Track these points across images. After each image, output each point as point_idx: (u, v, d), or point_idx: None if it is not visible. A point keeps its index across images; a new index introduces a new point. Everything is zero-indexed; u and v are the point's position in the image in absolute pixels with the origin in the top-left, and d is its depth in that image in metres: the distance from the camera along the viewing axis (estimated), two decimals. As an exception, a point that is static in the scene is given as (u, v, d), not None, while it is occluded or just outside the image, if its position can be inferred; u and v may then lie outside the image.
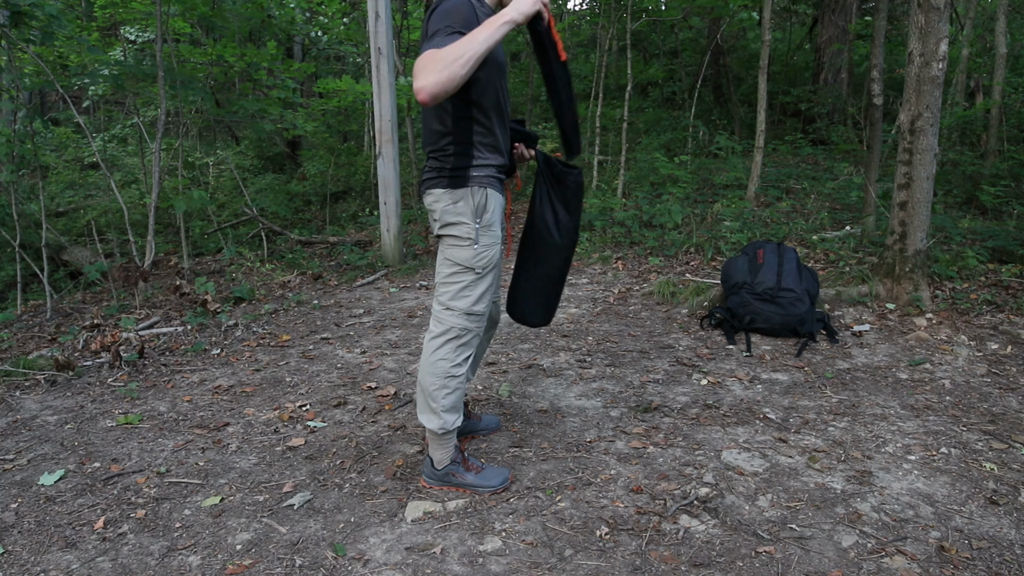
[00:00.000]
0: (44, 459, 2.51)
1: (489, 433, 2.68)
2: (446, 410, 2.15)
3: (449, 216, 2.06)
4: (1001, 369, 3.14)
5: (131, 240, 5.22)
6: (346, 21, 10.32)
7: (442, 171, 2.05)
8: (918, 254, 3.86)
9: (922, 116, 3.70)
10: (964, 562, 1.83)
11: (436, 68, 1.73)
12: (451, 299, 2.11)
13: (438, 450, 2.24)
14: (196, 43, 7.71)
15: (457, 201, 2.04)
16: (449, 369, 2.13)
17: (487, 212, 2.07)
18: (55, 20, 4.21)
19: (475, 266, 2.08)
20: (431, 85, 1.73)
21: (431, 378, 2.14)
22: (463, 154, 2.04)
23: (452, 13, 1.85)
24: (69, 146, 10.20)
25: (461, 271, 2.09)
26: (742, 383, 3.06)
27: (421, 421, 2.19)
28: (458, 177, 2.04)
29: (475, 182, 2.05)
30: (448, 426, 2.17)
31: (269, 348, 3.72)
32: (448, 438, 2.22)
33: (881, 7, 5.39)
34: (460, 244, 2.07)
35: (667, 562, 1.86)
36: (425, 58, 1.76)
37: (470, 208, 2.04)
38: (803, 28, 12.63)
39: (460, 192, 2.04)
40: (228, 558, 1.92)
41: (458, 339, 2.13)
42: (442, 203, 2.06)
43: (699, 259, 5.14)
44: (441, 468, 2.25)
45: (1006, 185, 5.79)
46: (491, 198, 2.08)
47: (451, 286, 2.11)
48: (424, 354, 2.16)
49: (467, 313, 2.11)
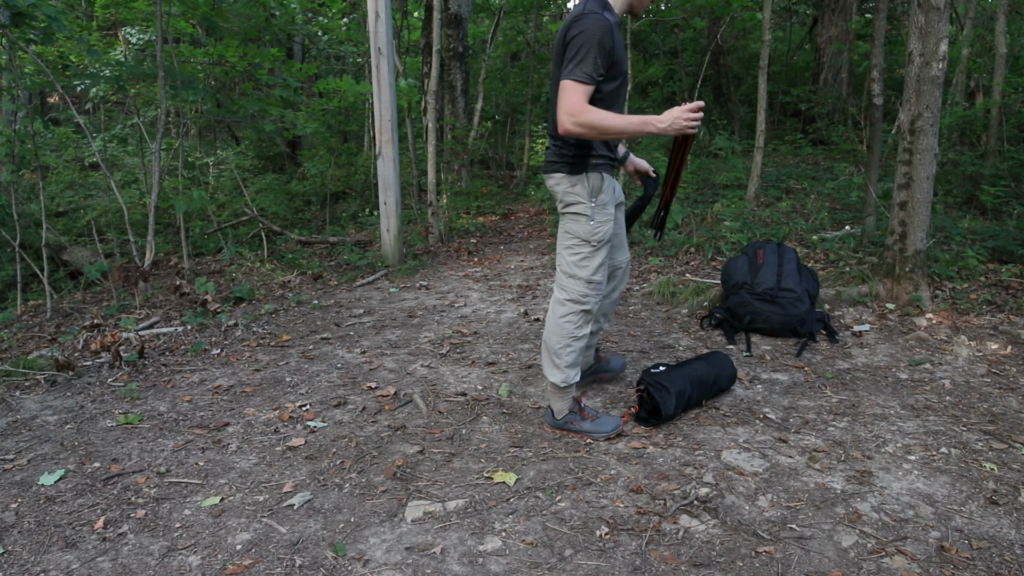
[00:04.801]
0: (44, 459, 2.51)
1: (614, 376, 3.06)
2: (568, 366, 2.48)
3: (568, 197, 2.38)
4: (1001, 369, 3.14)
5: (131, 240, 5.21)
6: (346, 21, 10.33)
7: (563, 157, 2.37)
8: (918, 254, 3.86)
9: (922, 116, 3.70)
10: (964, 562, 1.83)
11: (589, 121, 2.13)
12: (573, 268, 2.43)
13: (558, 401, 2.57)
14: (197, 43, 7.71)
15: (575, 184, 2.36)
16: (573, 331, 2.46)
17: (602, 193, 2.38)
18: (55, 21, 4.21)
19: (591, 239, 2.39)
20: (575, 129, 2.15)
21: (556, 338, 2.47)
22: (583, 145, 2.34)
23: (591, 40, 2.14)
24: (69, 146, 10.20)
25: (580, 243, 2.40)
26: (742, 383, 3.06)
27: (545, 375, 2.53)
28: (577, 164, 2.35)
29: (591, 168, 2.36)
30: (569, 380, 2.50)
31: (269, 348, 3.72)
32: (568, 391, 2.54)
33: (881, 7, 5.39)
34: (578, 220, 2.39)
35: (667, 562, 1.86)
36: (574, 95, 2.14)
37: (586, 190, 2.36)
38: (803, 28, 12.63)
39: (578, 176, 2.36)
40: (228, 558, 1.92)
41: (580, 304, 2.44)
42: (562, 185, 2.39)
43: (699, 259, 5.14)
44: (560, 417, 2.58)
45: (1006, 185, 5.79)
46: (605, 180, 2.39)
47: (572, 256, 2.43)
48: (550, 316, 2.50)
49: (587, 281, 2.42)
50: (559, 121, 2.18)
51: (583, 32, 2.14)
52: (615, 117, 2.16)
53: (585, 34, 2.14)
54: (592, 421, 2.58)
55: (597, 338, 2.89)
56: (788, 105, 10.11)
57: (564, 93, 2.15)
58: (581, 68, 2.14)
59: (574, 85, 2.14)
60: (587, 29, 2.14)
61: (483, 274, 5.25)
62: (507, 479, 2.29)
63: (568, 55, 2.17)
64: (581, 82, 2.14)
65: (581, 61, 2.14)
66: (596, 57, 2.14)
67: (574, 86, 2.14)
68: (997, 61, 6.25)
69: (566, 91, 2.15)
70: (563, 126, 2.16)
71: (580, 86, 2.14)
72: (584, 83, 2.14)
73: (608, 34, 2.16)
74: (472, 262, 5.68)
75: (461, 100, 8.67)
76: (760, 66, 6.28)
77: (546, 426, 2.65)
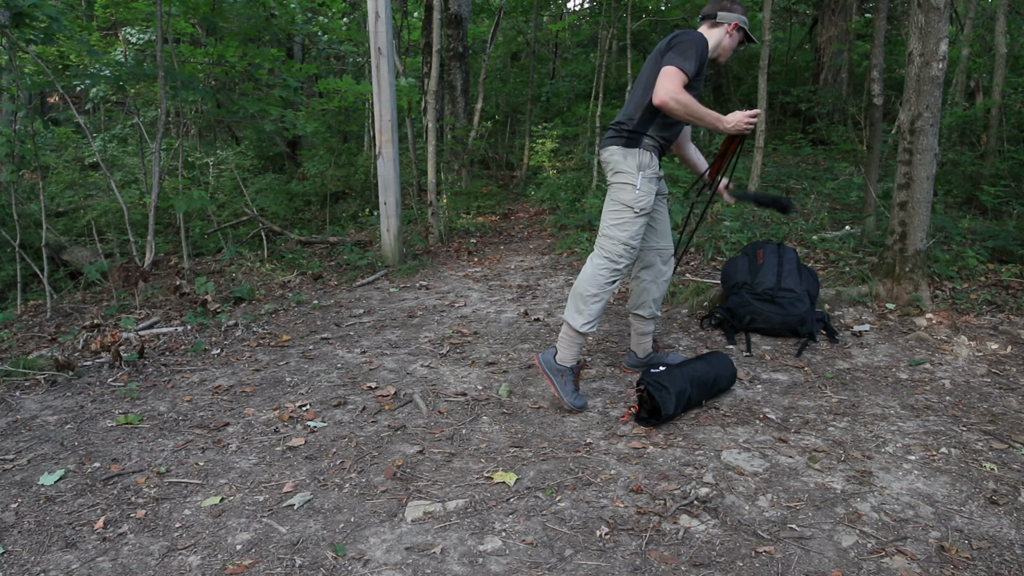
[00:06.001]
0: (44, 459, 2.51)
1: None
2: (591, 315, 2.73)
3: (620, 166, 2.72)
4: (1001, 369, 3.14)
5: (131, 240, 5.21)
6: (346, 21, 10.33)
7: (621, 134, 2.74)
8: (918, 254, 3.86)
9: (922, 116, 3.70)
10: (964, 562, 1.83)
11: (683, 100, 2.52)
12: (613, 229, 2.73)
13: (567, 348, 2.79)
14: (197, 43, 7.70)
15: (627, 156, 2.72)
16: (604, 283, 2.73)
17: (649, 168, 2.71)
18: (55, 21, 4.21)
19: (635, 206, 2.70)
20: (671, 103, 2.53)
21: (587, 286, 2.73)
22: (642, 126, 2.72)
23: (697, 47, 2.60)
24: (69, 146, 10.20)
25: (623, 208, 2.71)
26: (742, 383, 3.06)
27: (567, 319, 2.77)
28: (632, 140, 2.72)
29: (644, 146, 2.72)
30: (586, 328, 2.74)
31: (269, 348, 3.72)
32: (580, 340, 2.78)
33: (881, 7, 5.39)
34: (624, 188, 2.71)
35: (667, 562, 1.86)
36: (676, 79, 2.53)
37: (636, 162, 2.71)
38: (803, 28, 12.63)
39: (631, 150, 2.72)
40: (228, 558, 1.92)
41: (615, 262, 2.73)
42: (616, 156, 2.74)
43: (699, 259, 5.14)
44: (560, 363, 2.79)
45: (1006, 185, 5.78)
46: (653, 159, 2.73)
47: (614, 219, 2.73)
48: (586, 267, 2.77)
49: (623, 243, 2.72)
50: (658, 92, 2.53)
51: (692, 39, 2.60)
52: (701, 106, 2.58)
53: (693, 41, 2.59)
54: (572, 391, 2.81)
55: (652, 328, 3.13)
56: (788, 105, 10.11)
57: (667, 75, 2.53)
58: (685, 61, 2.55)
59: (677, 71, 2.53)
60: (696, 38, 2.61)
61: (483, 274, 5.25)
62: (507, 479, 2.29)
63: (675, 51, 2.58)
64: (683, 71, 2.54)
65: (687, 57, 2.55)
66: (696, 60, 2.57)
67: (677, 72, 2.53)
68: (997, 61, 6.25)
69: (669, 74, 2.53)
70: (660, 97, 2.52)
71: (681, 74, 2.54)
72: (685, 72, 2.54)
73: (706, 50, 2.64)
74: (472, 262, 5.68)
75: (461, 100, 8.67)
76: (760, 66, 6.28)
77: (536, 357, 2.86)
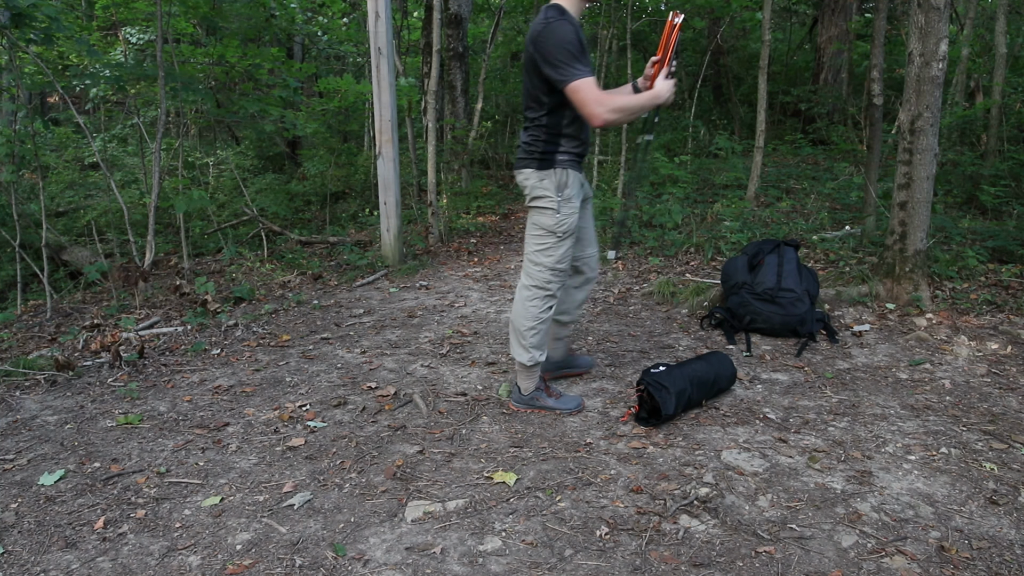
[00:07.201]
0: (44, 459, 2.51)
1: (582, 372, 3.14)
2: (534, 347, 2.67)
3: (536, 191, 2.55)
4: (1001, 369, 3.14)
5: (131, 240, 5.21)
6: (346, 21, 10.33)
7: (532, 154, 2.55)
8: (918, 254, 3.86)
9: (922, 116, 3.70)
10: (964, 562, 1.83)
11: (615, 105, 2.33)
12: (538, 255, 2.60)
13: (525, 380, 2.76)
14: (197, 43, 7.70)
15: (543, 179, 2.53)
16: (538, 314, 2.64)
17: (567, 188, 2.54)
18: (55, 21, 4.20)
19: (557, 231, 2.55)
20: (611, 117, 2.33)
21: (522, 320, 2.64)
22: (551, 142, 2.52)
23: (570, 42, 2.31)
24: (69, 146, 10.19)
25: (546, 234, 2.57)
26: (742, 383, 3.06)
27: (513, 355, 2.72)
28: (546, 160, 2.53)
29: (559, 164, 2.53)
30: (535, 359, 2.68)
31: (269, 348, 3.72)
32: (535, 370, 2.73)
33: (881, 7, 5.39)
34: (544, 213, 2.55)
35: (667, 562, 1.86)
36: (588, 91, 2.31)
37: (553, 184, 2.53)
38: (803, 28, 12.63)
39: (546, 172, 2.53)
40: (228, 558, 1.92)
41: (544, 290, 2.63)
42: (531, 180, 2.55)
43: (699, 259, 5.14)
44: (527, 394, 2.77)
45: (1006, 185, 5.78)
46: (571, 176, 2.55)
47: (538, 245, 2.60)
48: (517, 300, 2.67)
49: (551, 269, 2.60)
50: (593, 116, 2.33)
51: (554, 37, 2.32)
52: (633, 97, 2.42)
53: (558, 39, 2.32)
54: (556, 399, 2.78)
55: (570, 331, 3.04)
56: (788, 105, 10.11)
57: (580, 92, 2.31)
58: (576, 67, 2.31)
59: (584, 82, 2.30)
60: (555, 34, 2.32)
61: (483, 274, 5.25)
62: (507, 479, 2.29)
63: (552, 62, 2.33)
64: (583, 76, 2.30)
65: (572, 61, 2.31)
66: (577, 52, 2.32)
67: (584, 83, 2.30)
68: (997, 61, 6.25)
69: (581, 90, 2.31)
70: (600, 118, 2.32)
71: (588, 80, 2.31)
72: (585, 76, 2.31)
73: (577, 34, 2.35)
74: (472, 262, 5.68)
75: (461, 100, 8.67)
76: (760, 66, 6.28)
77: (511, 403, 2.82)
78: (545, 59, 2.35)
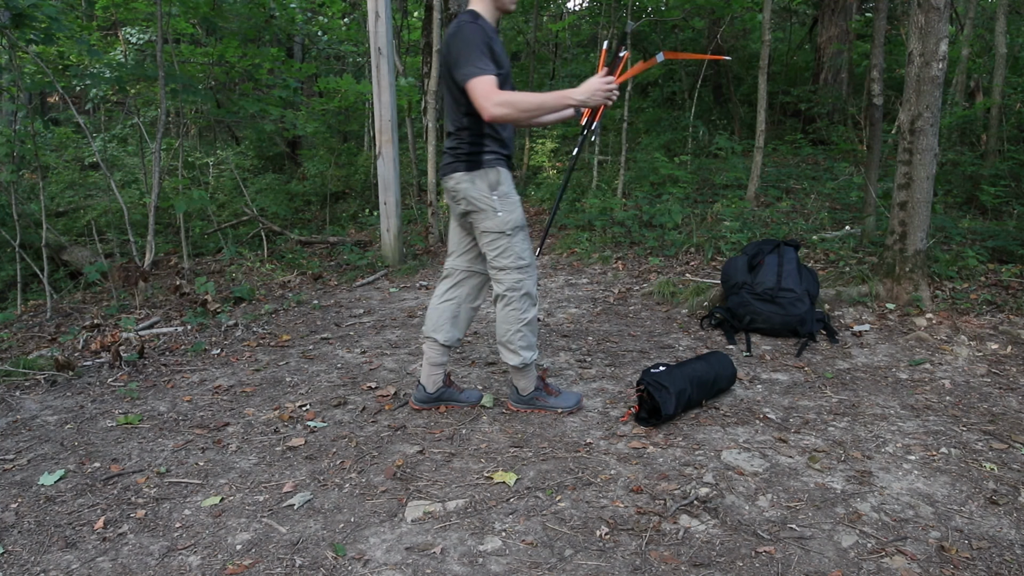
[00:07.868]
0: (44, 459, 2.51)
1: (468, 406, 2.85)
2: (523, 348, 2.62)
3: (470, 193, 2.46)
4: (1001, 369, 3.14)
5: (131, 240, 5.21)
6: (346, 21, 10.33)
7: (459, 156, 2.47)
8: (918, 254, 3.86)
9: (922, 116, 3.70)
10: (964, 562, 1.83)
11: (508, 100, 2.24)
12: (498, 260, 2.52)
13: (521, 380, 2.72)
14: (197, 43, 7.70)
15: (474, 180, 2.45)
16: (519, 316, 2.57)
17: (501, 185, 2.47)
18: (55, 21, 4.20)
19: (505, 230, 2.47)
20: (498, 111, 2.24)
21: (505, 327, 2.59)
22: (475, 143, 2.45)
23: (474, 43, 2.28)
24: (69, 146, 10.19)
25: (496, 237, 2.49)
26: (742, 383, 3.06)
27: (504, 360, 2.66)
28: (473, 160, 2.45)
29: (487, 164, 2.46)
30: (527, 361, 2.64)
31: (269, 348, 3.72)
32: (528, 370, 2.69)
33: (881, 7, 5.39)
34: (485, 214, 2.47)
35: (667, 562, 1.86)
36: (485, 86, 2.24)
37: (486, 184, 2.45)
38: (803, 28, 12.63)
39: (475, 173, 2.45)
40: (228, 558, 1.92)
41: (517, 291, 2.54)
42: (462, 184, 2.47)
43: (699, 259, 5.14)
44: (526, 394, 2.73)
45: (1006, 185, 5.79)
46: (502, 173, 2.49)
47: (493, 250, 2.51)
48: (496, 310, 2.60)
49: (516, 268, 2.51)
50: (482, 109, 2.26)
51: (464, 37, 2.30)
52: (530, 94, 2.29)
53: (466, 38, 2.30)
54: (556, 396, 2.76)
55: (449, 357, 2.77)
56: (788, 105, 10.11)
57: (473, 89, 2.26)
58: (475, 64, 2.27)
59: (478, 79, 2.25)
60: (466, 34, 2.30)
61: (483, 274, 5.24)
62: (507, 479, 2.29)
63: (460, 62, 2.30)
64: (483, 74, 2.26)
65: (471, 60, 2.27)
66: (484, 51, 2.28)
67: (479, 79, 2.25)
68: (997, 61, 6.25)
69: (474, 86, 2.26)
70: (487, 112, 2.24)
71: (484, 76, 2.26)
72: (487, 74, 2.26)
73: (485, 36, 2.31)
74: (472, 262, 5.67)
75: (461, 100, 8.66)
76: (760, 66, 6.28)
77: (510, 404, 2.79)
78: (453, 61, 2.34)
